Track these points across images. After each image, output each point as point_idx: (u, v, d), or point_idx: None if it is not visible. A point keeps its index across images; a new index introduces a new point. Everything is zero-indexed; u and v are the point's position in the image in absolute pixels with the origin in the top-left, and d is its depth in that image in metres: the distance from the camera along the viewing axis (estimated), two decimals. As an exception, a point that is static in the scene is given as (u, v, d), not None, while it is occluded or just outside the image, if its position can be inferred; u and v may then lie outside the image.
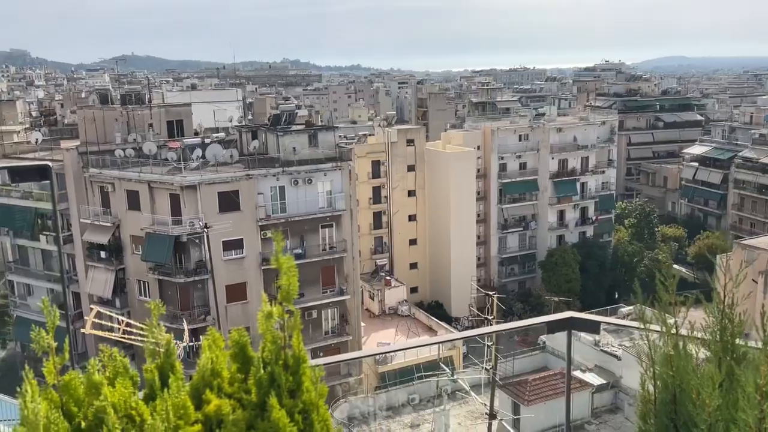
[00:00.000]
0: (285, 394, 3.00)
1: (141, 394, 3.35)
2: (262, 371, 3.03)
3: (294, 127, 50.78)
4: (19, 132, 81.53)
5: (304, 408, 3.03)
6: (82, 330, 36.02)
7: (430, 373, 41.10)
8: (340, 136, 55.55)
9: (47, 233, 53.92)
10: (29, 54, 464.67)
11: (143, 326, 31.64)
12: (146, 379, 3.39)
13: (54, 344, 3.05)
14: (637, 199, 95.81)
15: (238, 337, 3.31)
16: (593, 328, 5.95)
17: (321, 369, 3.23)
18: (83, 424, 2.95)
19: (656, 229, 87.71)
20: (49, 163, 5.69)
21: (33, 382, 2.79)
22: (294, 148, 48.37)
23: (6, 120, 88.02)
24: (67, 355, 3.17)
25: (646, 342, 4.46)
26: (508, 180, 76.48)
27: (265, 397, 2.94)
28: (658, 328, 4.45)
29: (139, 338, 31.63)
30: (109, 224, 47.46)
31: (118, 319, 38.97)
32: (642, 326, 4.59)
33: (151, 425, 2.63)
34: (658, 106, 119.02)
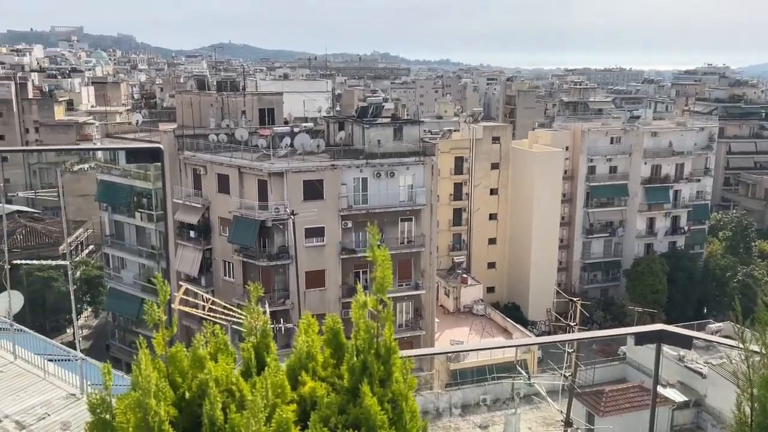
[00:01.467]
0: (376, 382, 3.07)
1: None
2: (355, 358, 3.11)
3: (380, 120, 51.27)
4: (121, 113, 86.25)
5: (393, 398, 3.09)
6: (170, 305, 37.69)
7: (504, 375, 40.58)
8: (424, 130, 55.54)
9: (142, 210, 56.81)
10: (134, 39, 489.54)
11: (227, 306, 32.80)
12: (243, 357, 3.56)
13: (164, 318, 3.25)
14: (734, 211, 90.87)
15: (332, 324, 3.41)
16: (685, 342, 5.74)
17: (411, 361, 3.28)
18: (187, 394, 3.13)
19: (753, 243, 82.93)
20: (161, 146, 6.01)
21: (146, 352, 2.98)
22: (379, 140, 48.81)
23: (111, 101, 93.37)
24: (174, 329, 3.37)
25: (743, 362, 4.28)
26: (597, 183, 74.38)
27: (357, 384, 3.02)
28: (757, 348, 4.26)
29: (222, 317, 32.79)
30: (199, 205, 49.50)
31: (203, 296, 40.56)
32: (740, 345, 4.41)
33: (252, 401, 2.76)
34: (763, 114, 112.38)
